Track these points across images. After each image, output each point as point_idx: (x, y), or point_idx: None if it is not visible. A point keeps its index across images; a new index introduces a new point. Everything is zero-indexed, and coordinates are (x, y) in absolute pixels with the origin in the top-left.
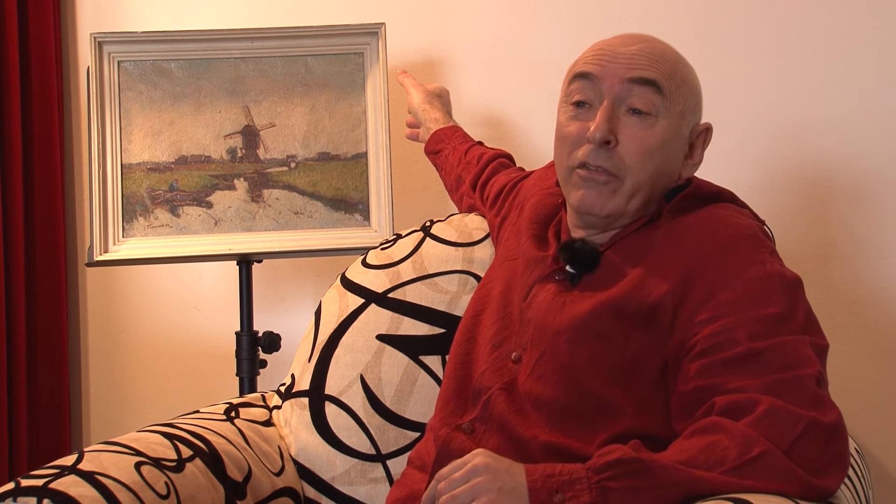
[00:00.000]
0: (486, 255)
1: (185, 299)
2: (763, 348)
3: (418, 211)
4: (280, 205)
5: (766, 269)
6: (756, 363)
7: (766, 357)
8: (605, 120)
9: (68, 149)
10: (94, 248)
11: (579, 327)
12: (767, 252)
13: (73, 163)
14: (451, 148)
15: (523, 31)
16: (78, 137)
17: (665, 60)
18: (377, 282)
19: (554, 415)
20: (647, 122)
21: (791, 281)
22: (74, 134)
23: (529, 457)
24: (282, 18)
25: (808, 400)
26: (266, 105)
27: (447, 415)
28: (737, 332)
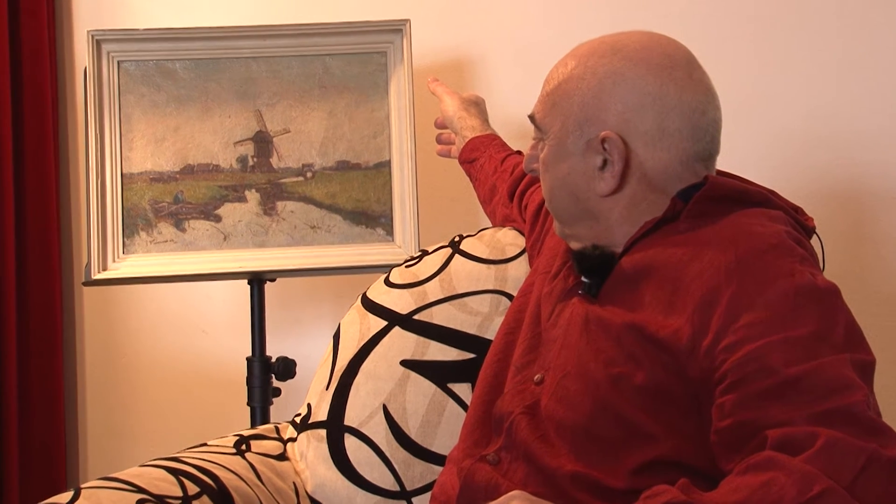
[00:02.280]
0: (521, 272)
1: (191, 322)
2: (801, 374)
3: (446, 225)
4: (295, 218)
5: (795, 282)
6: (796, 392)
7: (807, 384)
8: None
9: (63, 157)
10: (92, 265)
11: (604, 346)
12: (797, 260)
13: (69, 172)
14: (486, 157)
15: (562, 29)
16: (74, 145)
17: (549, 82)
18: (401, 302)
19: (578, 440)
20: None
21: (825, 291)
22: (70, 141)
23: (558, 488)
24: (297, 14)
25: (864, 430)
26: (280, 109)
27: (471, 444)
28: (769, 359)
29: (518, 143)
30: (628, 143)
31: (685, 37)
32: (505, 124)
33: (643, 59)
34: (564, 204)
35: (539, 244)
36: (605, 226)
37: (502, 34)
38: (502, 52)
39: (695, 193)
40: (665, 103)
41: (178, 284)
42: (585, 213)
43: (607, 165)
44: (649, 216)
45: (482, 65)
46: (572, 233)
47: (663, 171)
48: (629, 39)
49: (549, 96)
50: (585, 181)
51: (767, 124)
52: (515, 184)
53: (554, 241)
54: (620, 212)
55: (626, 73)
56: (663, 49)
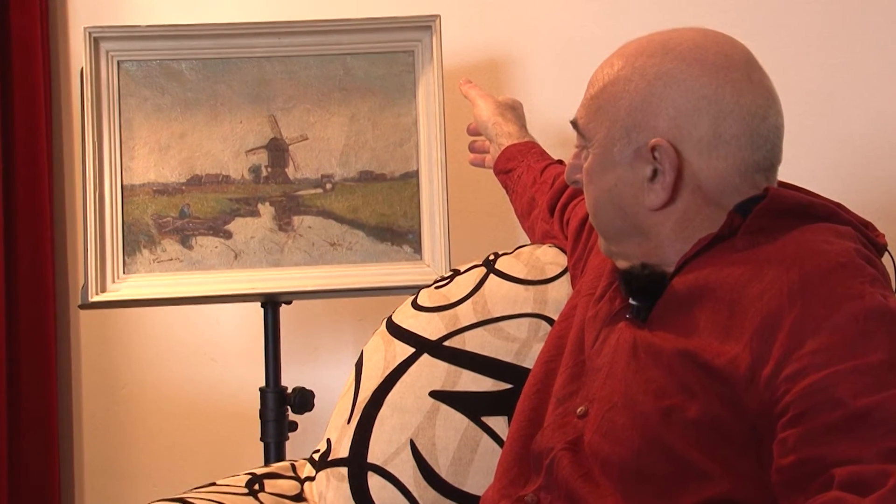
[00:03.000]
0: (563, 294)
1: (198, 349)
2: (872, 407)
3: (480, 242)
4: (313, 234)
5: (865, 305)
6: (866, 426)
7: (877, 417)
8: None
9: (58, 167)
10: (90, 286)
11: (654, 375)
12: (867, 281)
13: (64, 184)
14: (524, 166)
15: (608, 25)
16: (70, 153)
17: (593, 84)
18: (430, 327)
19: (626, 479)
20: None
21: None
22: (65, 149)
23: None
24: (315, 10)
25: None
26: (296, 114)
27: (507, 484)
28: (837, 390)
29: (559, 152)
30: (681, 152)
31: (743, 34)
32: (544, 131)
33: (697, 59)
34: (610, 218)
35: (582, 263)
36: (655, 243)
37: (542, 31)
38: (542, 51)
39: (754, 207)
40: (721, 107)
41: (184, 308)
42: (633, 229)
43: (657, 176)
44: (704, 232)
45: (519, 65)
46: (619, 250)
47: (719, 183)
48: (682, 37)
49: (594, 100)
50: (633, 193)
51: (834, 130)
52: (556, 196)
53: (599, 260)
54: (672, 227)
55: (678, 74)
56: (719, 48)
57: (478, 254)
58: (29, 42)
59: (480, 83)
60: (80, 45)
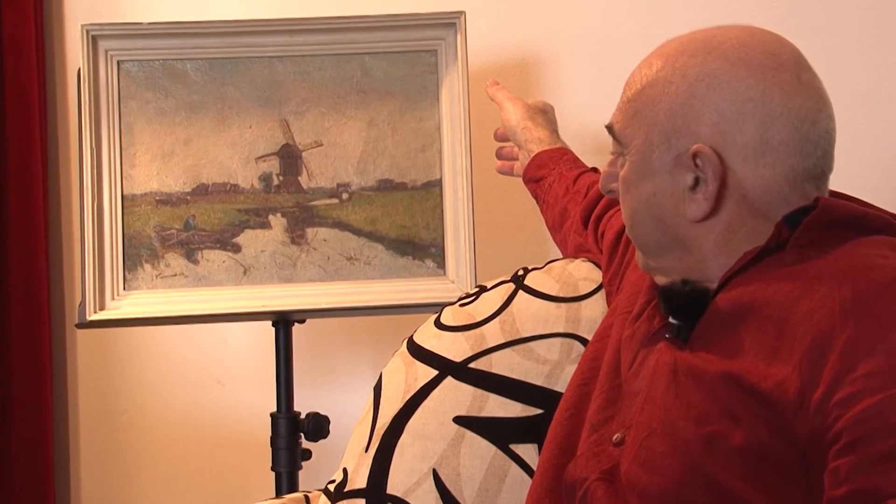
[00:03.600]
0: (597, 312)
1: (204, 371)
2: None
3: (508, 256)
4: (328, 248)
5: None
6: None
7: None
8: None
9: (53, 176)
10: (87, 304)
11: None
12: None
13: (60, 194)
14: (556, 175)
15: (646, 22)
16: (66, 160)
17: (630, 86)
18: (455, 348)
19: None
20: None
21: None
22: (61, 156)
23: None
24: (331, 6)
25: None
26: (310, 118)
27: None
28: (893, 415)
29: (593, 159)
30: (724, 159)
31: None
32: (578, 136)
33: (742, 59)
34: (649, 231)
35: (618, 279)
36: (696, 257)
37: (575, 28)
38: (575, 50)
39: (804, 218)
40: (768, 111)
41: (189, 327)
42: (674, 242)
43: (700, 185)
44: (749, 245)
45: (551, 65)
46: (658, 265)
47: (766, 192)
48: (726, 35)
49: (631, 103)
50: (674, 204)
51: (889, 135)
52: (590, 207)
53: (636, 276)
54: (715, 240)
55: (721, 75)
56: (766, 47)
57: (506, 269)
58: (22, 41)
59: (508, 85)
60: (77, 43)
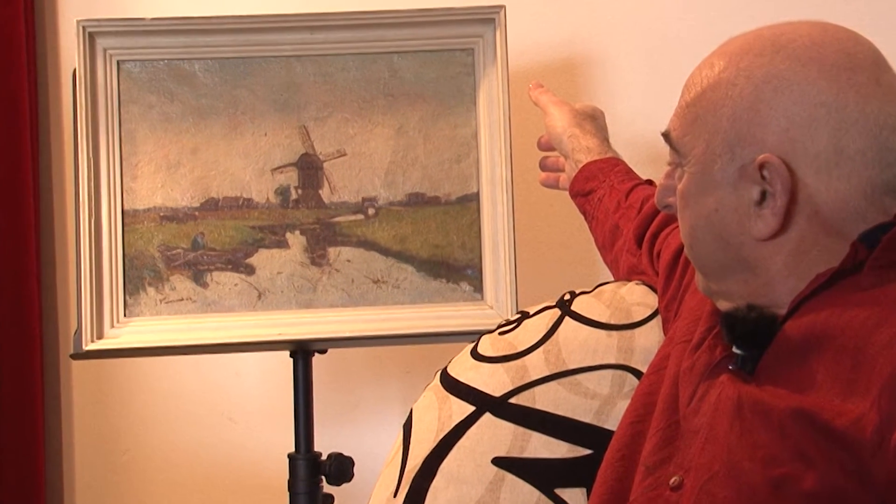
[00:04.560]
0: (653, 341)
1: (214, 407)
2: None
3: (553, 278)
4: (353, 269)
5: None
6: None
7: None
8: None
9: (46, 188)
10: (84, 332)
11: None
12: None
13: (53, 209)
14: (606, 188)
15: (707, 19)
16: (60, 172)
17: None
18: (494, 381)
19: None
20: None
21: None
22: (55, 167)
23: None
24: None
25: None
26: (332, 125)
27: None
28: None
29: (648, 170)
30: (794, 170)
31: (870, 30)
32: (630, 144)
33: (814, 59)
34: (710, 250)
35: (676, 304)
36: (763, 279)
37: (627, 25)
38: (628, 49)
39: (883, 237)
40: (843, 117)
41: (197, 358)
42: (738, 263)
43: (767, 199)
44: (822, 266)
45: (600, 66)
46: (720, 289)
47: (840, 207)
48: (796, 33)
49: (690, 108)
50: (738, 220)
51: None
52: (645, 224)
53: (696, 301)
54: (784, 261)
55: (791, 76)
56: (841, 45)
57: (550, 293)
58: (11, 38)
59: (553, 88)
60: (73, 41)
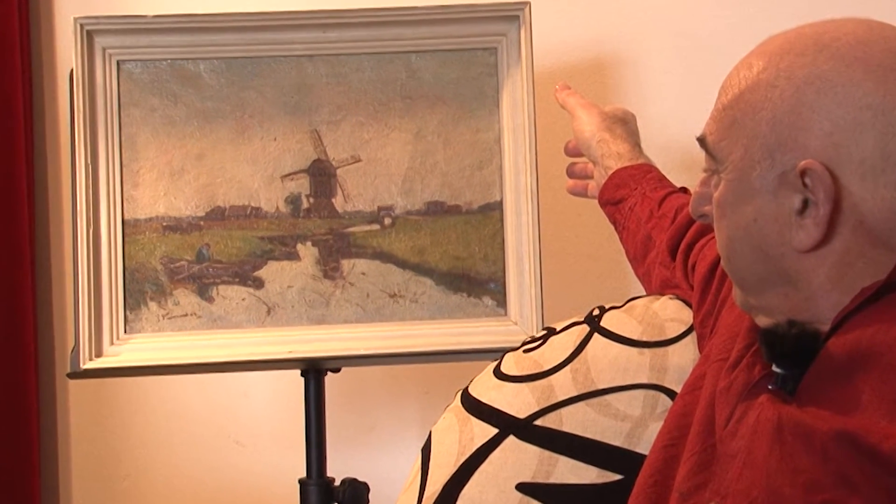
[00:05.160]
0: (687, 359)
1: (221, 429)
2: None
3: (581, 292)
4: (368, 283)
5: None
6: None
7: None
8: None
9: (41, 197)
10: (81, 350)
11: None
12: None
13: (49, 219)
14: (638, 196)
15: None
16: (56, 179)
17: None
18: (518, 402)
19: None
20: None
21: None
22: (50, 173)
23: None
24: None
25: None
26: (346, 129)
27: None
28: None
29: (683, 177)
30: (838, 177)
31: None
32: (664, 149)
33: (859, 59)
34: (748, 263)
35: (712, 320)
36: (805, 294)
37: (660, 22)
38: (660, 48)
39: None
40: (891, 120)
41: (202, 377)
42: (778, 276)
43: (809, 208)
44: (868, 280)
45: (632, 66)
46: (759, 304)
47: (887, 217)
48: (840, 31)
49: (727, 111)
50: (778, 231)
51: None
52: (679, 234)
53: (733, 317)
54: (827, 273)
55: (835, 77)
56: (888, 44)
57: (578, 308)
58: (5, 36)
59: (582, 89)
60: (70, 40)
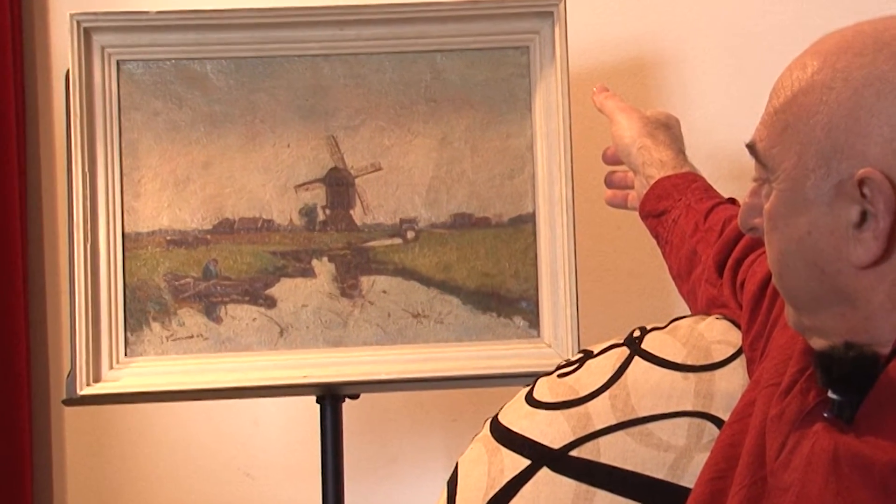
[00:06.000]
0: (736, 385)
1: (230, 460)
2: None
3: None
4: (389, 302)
5: None
6: None
7: None
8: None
9: (34, 208)
10: (78, 375)
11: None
12: None
13: (43, 232)
14: (682, 207)
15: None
16: (50, 189)
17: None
18: (552, 431)
19: None
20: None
21: None
22: (45, 183)
23: None
24: None
25: None
26: (366, 134)
27: None
28: None
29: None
30: None
31: None
32: (710, 157)
33: None
34: (802, 280)
35: (763, 342)
36: (863, 313)
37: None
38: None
39: None
40: None
41: (209, 404)
42: (834, 294)
43: (868, 220)
44: None
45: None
46: (814, 324)
47: None
48: None
49: (779, 115)
50: (834, 245)
51: None
52: (727, 249)
53: (786, 338)
54: (888, 291)
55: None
56: None
57: (617, 329)
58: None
59: (621, 91)
60: (66, 38)
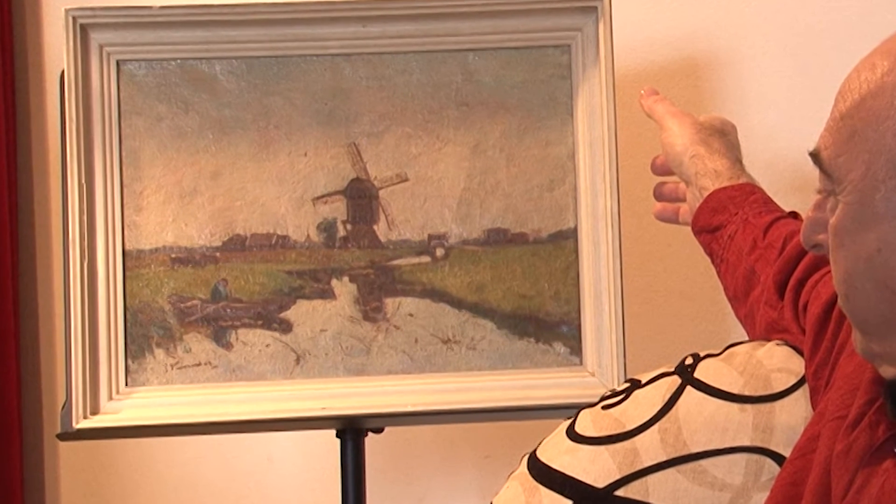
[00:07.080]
0: (798, 417)
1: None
2: None
3: (671, 337)
4: (416, 326)
5: None
6: None
7: None
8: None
9: (25, 223)
10: (74, 407)
11: None
12: None
13: (35, 250)
14: (739, 221)
15: (866, 7)
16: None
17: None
18: (596, 468)
19: None
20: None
21: None
22: (37, 194)
23: None
24: None
25: None
26: (390, 142)
27: None
28: None
29: (793, 200)
30: None
31: None
32: (770, 166)
33: None
34: (871, 302)
35: (828, 370)
36: None
37: (765, 16)
38: (765, 46)
39: None
40: None
41: (219, 439)
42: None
43: None
44: None
45: (731, 67)
46: (884, 350)
47: None
48: None
49: (846, 121)
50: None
51: None
52: (788, 269)
53: (853, 366)
54: None
55: None
56: None
57: (668, 356)
58: None
59: (671, 95)
60: (60, 35)
